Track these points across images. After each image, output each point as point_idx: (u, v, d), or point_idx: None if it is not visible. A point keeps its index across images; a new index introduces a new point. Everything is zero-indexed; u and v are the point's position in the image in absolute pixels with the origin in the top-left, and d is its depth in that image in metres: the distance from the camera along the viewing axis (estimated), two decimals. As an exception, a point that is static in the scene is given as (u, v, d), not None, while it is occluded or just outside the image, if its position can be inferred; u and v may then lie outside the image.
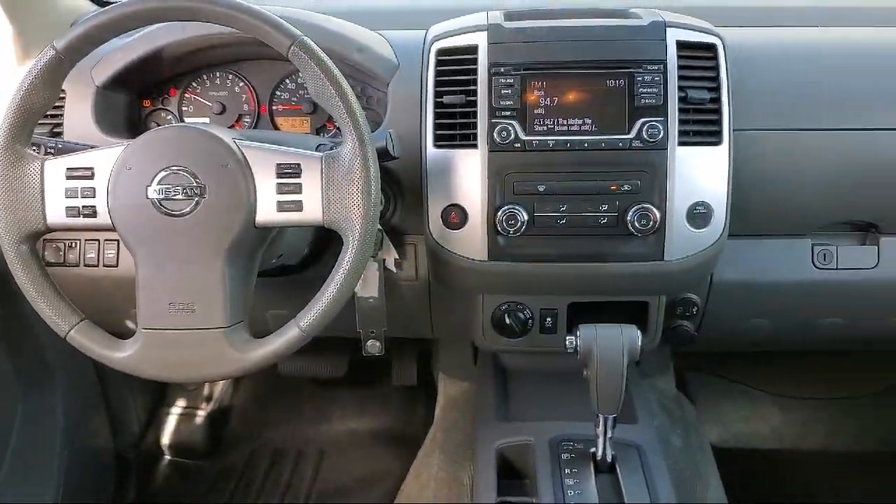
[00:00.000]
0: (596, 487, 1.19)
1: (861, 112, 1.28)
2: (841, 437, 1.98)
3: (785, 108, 1.28)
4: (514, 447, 1.31)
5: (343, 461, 2.04)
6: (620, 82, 1.19)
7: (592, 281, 1.26)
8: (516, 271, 1.24)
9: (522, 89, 1.20)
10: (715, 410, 2.03)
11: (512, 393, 1.51)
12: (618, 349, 1.15)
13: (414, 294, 1.40)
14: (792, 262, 1.37)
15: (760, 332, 1.47)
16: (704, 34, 1.23)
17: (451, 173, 1.22)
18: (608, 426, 1.20)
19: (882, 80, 1.30)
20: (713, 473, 1.53)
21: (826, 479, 1.87)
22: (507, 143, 1.19)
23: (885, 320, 1.44)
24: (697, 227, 1.21)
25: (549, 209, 1.21)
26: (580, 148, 1.19)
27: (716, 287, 1.38)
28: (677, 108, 1.19)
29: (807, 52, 1.34)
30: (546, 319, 1.35)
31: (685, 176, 1.19)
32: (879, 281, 1.37)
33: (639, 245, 1.21)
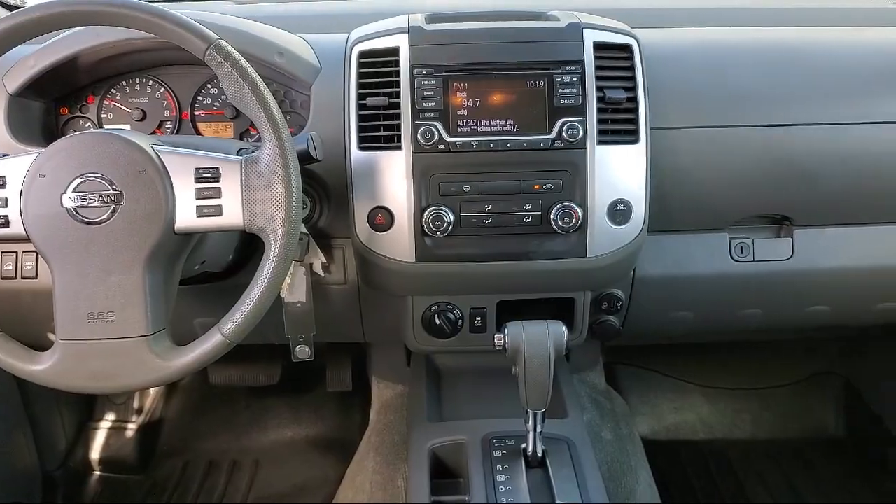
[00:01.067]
0: (527, 482, 1.21)
1: (772, 109, 1.32)
2: (767, 426, 2.04)
3: (699, 106, 1.32)
4: (447, 447, 1.32)
5: (279, 469, 2.02)
6: (540, 83, 1.22)
7: (519, 279, 1.28)
8: (444, 272, 1.26)
9: (445, 91, 1.21)
10: (646, 403, 2.07)
11: (445, 393, 1.52)
12: (544, 345, 1.17)
13: (343, 298, 1.40)
14: (710, 256, 1.41)
15: (683, 324, 1.51)
16: (620, 35, 1.26)
17: (376, 175, 1.22)
18: (537, 421, 1.21)
19: (793, 78, 1.35)
20: (643, 465, 1.57)
21: (753, 467, 1.93)
22: (432, 145, 1.20)
23: (801, 309, 1.50)
24: (618, 223, 1.24)
25: (474, 209, 1.22)
26: (503, 148, 1.21)
27: (638, 282, 1.42)
28: (595, 108, 1.21)
29: (720, 51, 1.38)
30: (476, 319, 1.36)
31: (605, 174, 1.22)
32: (794, 271, 1.42)
33: (562, 243, 1.24)
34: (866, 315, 1.52)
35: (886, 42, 1.41)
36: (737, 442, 2.01)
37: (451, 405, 1.47)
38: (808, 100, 1.33)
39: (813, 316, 1.50)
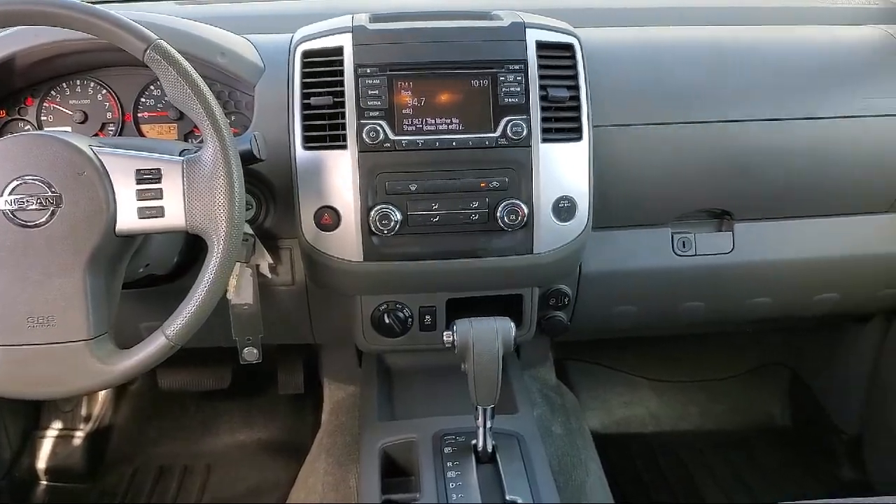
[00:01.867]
0: (477, 478, 1.22)
1: (711, 106, 1.35)
2: (713, 417, 2.08)
3: (639, 104, 1.34)
4: (398, 445, 1.32)
5: (231, 474, 2.00)
6: (484, 82, 1.23)
7: (467, 276, 1.29)
8: (392, 271, 1.26)
9: (389, 90, 1.21)
10: (596, 398, 2.10)
11: (397, 393, 1.52)
12: (493, 341, 1.18)
13: (291, 299, 1.39)
14: (653, 251, 1.44)
15: (628, 317, 1.54)
16: (562, 34, 1.28)
17: (322, 175, 1.22)
18: (487, 417, 1.22)
19: (731, 76, 1.38)
20: (593, 458, 1.59)
21: (700, 457, 1.97)
22: (377, 143, 1.21)
23: (743, 301, 1.53)
24: (563, 220, 1.25)
25: (421, 208, 1.23)
26: (449, 147, 1.22)
27: (585, 277, 1.44)
28: (539, 107, 1.23)
29: (660, 50, 1.41)
30: (425, 317, 1.37)
31: (549, 172, 1.24)
32: (735, 265, 1.46)
33: (509, 240, 1.25)
34: (806, 306, 1.56)
35: (821, 40, 1.45)
36: (685, 434, 2.05)
37: (402, 404, 1.48)
38: (745, 97, 1.36)
39: (755, 308, 1.54)
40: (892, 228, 1.47)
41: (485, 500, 1.18)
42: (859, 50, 1.42)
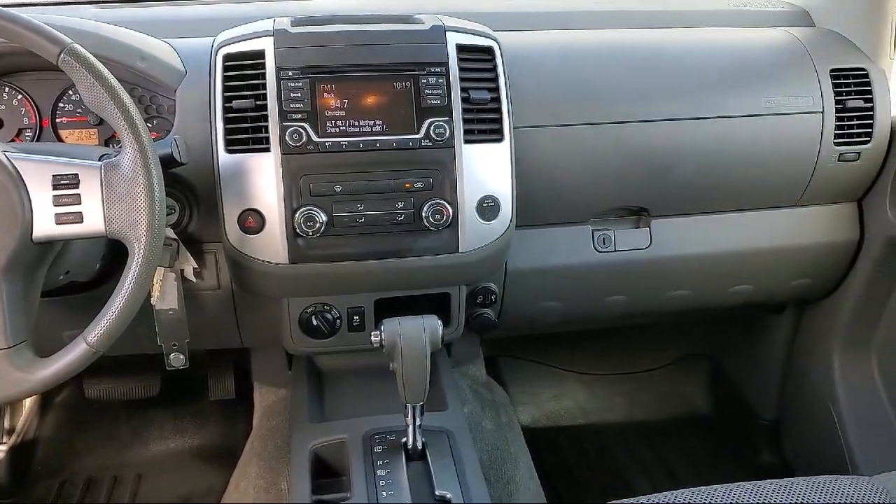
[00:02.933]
0: (407, 475, 1.23)
1: (626, 106, 1.40)
2: (640, 408, 2.14)
3: (558, 105, 1.38)
4: (328, 446, 1.33)
5: (163, 482, 1.97)
6: (407, 84, 1.25)
7: (394, 276, 1.30)
8: (319, 272, 1.27)
9: (312, 92, 1.22)
10: (527, 393, 2.14)
11: (328, 394, 1.52)
12: (420, 339, 1.19)
13: (217, 303, 1.38)
14: (575, 248, 1.49)
15: (555, 313, 1.58)
16: (482, 37, 1.30)
17: (245, 178, 1.22)
18: (416, 414, 1.24)
19: (645, 77, 1.43)
20: (523, 451, 1.62)
21: (627, 447, 2.02)
22: (300, 146, 1.21)
23: (662, 294, 1.59)
24: (487, 219, 1.28)
25: (346, 209, 1.24)
26: (372, 148, 1.23)
27: (511, 275, 1.47)
28: (461, 108, 1.25)
29: (577, 53, 1.45)
30: (353, 318, 1.38)
31: (473, 172, 1.26)
32: (653, 259, 1.51)
33: (435, 239, 1.27)
34: (722, 297, 1.62)
35: (730, 42, 1.51)
36: (613, 425, 2.11)
37: (333, 405, 1.48)
38: (658, 98, 1.41)
39: (673, 300, 1.60)
40: (799, 221, 1.55)
41: (414, 497, 1.20)
42: (765, 51, 1.48)
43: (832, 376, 1.67)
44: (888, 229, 1.49)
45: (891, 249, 1.50)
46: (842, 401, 1.66)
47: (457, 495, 1.20)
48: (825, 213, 1.56)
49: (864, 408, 1.63)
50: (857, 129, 1.45)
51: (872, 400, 1.63)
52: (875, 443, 1.61)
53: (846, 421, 1.65)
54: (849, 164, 1.47)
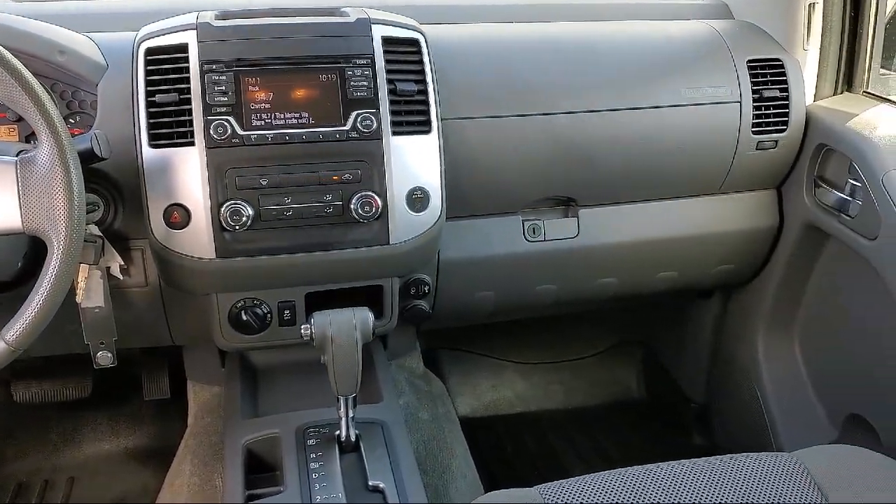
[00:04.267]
0: (340, 467, 1.24)
1: (553, 98, 1.42)
2: (576, 395, 2.18)
3: (486, 97, 1.39)
4: (262, 441, 1.32)
5: (97, 485, 1.93)
6: (333, 76, 1.25)
7: (324, 269, 1.30)
8: (247, 267, 1.26)
9: (236, 86, 1.22)
10: (466, 384, 2.15)
11: (262, 390, 1.51)
12: (351, 331, 1.20)
13: (145, 300, 1.37)
14: (506, 238, 1.51)
15: (489, 303, 1.59)
16: (407, 30, 1.31)
17: (170, 172, 1.21)
18: (349, 407, 1.25)
19: (571, 69, 1.46)
20: (459, 441, 1.64)
21: (564, 433, 2.06)
22: (225, 139, 1.20)
23: (592, 282, 1.62)
24: (417, 210, 1.29)
25: (274, 202, 1.23)
26: (299, 141, 1.23)
27: (443, 266, 1.49)
28: (388, 100, 1.26)
29: (504, 45, 1.47)
30: (284, 312, 1.37)
31: (401, 163, 1.27)
32: (581, 248, 1.54)
33: (365, 231, 1.27)
34: (649, 284, 1.66)
35: (652, 35, 1.54)
36: (550, 412, 2.14)
37: (267, 401, 1.48)
38: (584, 88, 1.44)
39: (603, 287, 1.63)
40: (721, 209, 1.59)
41: (347, 489, 1.20)
42: (686, 43, 1.52)
43: (757, 358, 1.72)
44: (805, 215, 1.54)
45: (808, 234, 1.56)
46: (766, 382, 1.71)
47: (390, 485, 1.21)
48: (746, 200, 1.60)
49: (787, 388, 1.69)
50: (774, 117, 1.50)
51: (794, 380, 1.68)
52: (797, 421, 1.67)
53: (770, 401, 1.70)
54: (767, 152, 1.52)
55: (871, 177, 1.34)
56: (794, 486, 1.09)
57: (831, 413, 1.60)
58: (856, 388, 1.52)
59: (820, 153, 1.50)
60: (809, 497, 1.08)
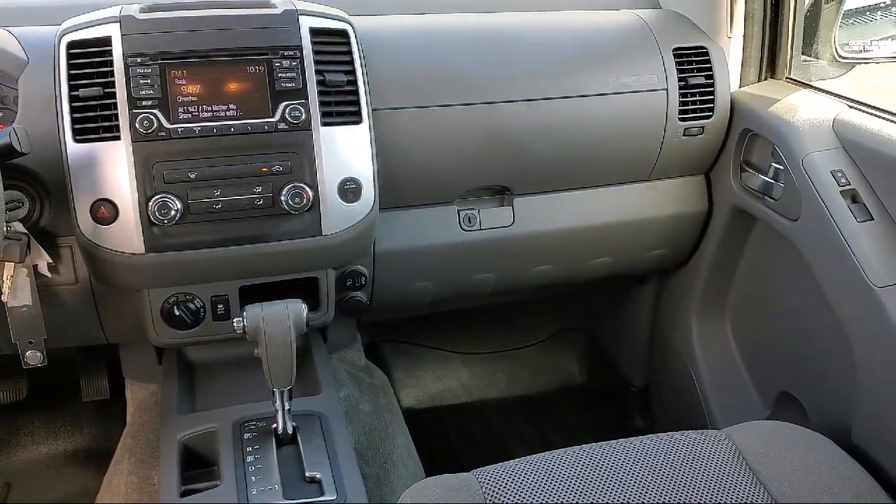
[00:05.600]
0: (277, 460, 1.24)
1: (483, 88, 1.43)
2: (520, 383, 2.20)
3: (416, 87, 1.40)
4: (198, 437, 1.32)
5: (35, 489, 1.90)
6: (260, 68, 1.24)
7: (257, 262, 1.30)
8: (177, 261, 1.25)
9: (162, 79, 1.20)
10: (411, 376, 2.16)
11: (200, 386, 1.51)
12: (284, 323, 1.20)
13: (76, 298, 1.35)
14: (441, 228, 1.52)
15: (427, 293, 1.60)
16: (335, 21, 1.31)
17: (96, 167, 1.19)
18: (285, 399, 1.25)
19: (500, 59, 1.47)
20: (401, 432, 1.64)
21: (508, 421, 2.08)
22: (152, 133, 1.19)
23: (528, 270, 1.64)
24: (349, 201, 1.29)
25: (203, 195, 1.23)
26: (227, 133, 1.23)
27: (379, 257, 1.49)
28: (317, 91, 1.26)
29: (434, 36, 1.47)
30: (218, 306, 1.36)
31: (332, 154, 1.27)
32: (516, 236, 1.56)
33: (297, 223, 1.27)
34: (585, 270, 1.69)
35: (581, 24, 1.57)
36: (494, 401, 2.16)
37: (205, 397, 1.47)
38: (515, 78, 1.45)
39: (539, 275, 1.65)
40: (652, 195, 1.62)
41: (284, 480, 1.20)
42: (614, 33, 1.55)
43: (691, 340, 1.76)
44: (733, 199, 1.58)
45: (736, 218, 1.60)
46: (700, 363, 1.75)
47: (327, 476, 1.22)
48: (676, 186, 1.64)
49: (720, 368, 1.73)
50: (700, 104, 1.53)
51: (727, 360, 1.72)
52: (730, 400, 1.71)
53: (704, 381, 1.74)
54: (694, 139, 1.55)
55: (792, 160, 1.38)
56: (722, 461, 1.13)
57: (763, 391, 1.64)
58: (784, 366, 1.56)
59: (745, 138, 1.54)
60: (736, 470, 1.11)
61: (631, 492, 1.08)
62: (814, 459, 1.13)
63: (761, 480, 1.09)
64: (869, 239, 1.27)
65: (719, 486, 1.09)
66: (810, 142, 1.38)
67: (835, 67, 1.60)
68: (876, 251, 1.26)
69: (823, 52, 1.60)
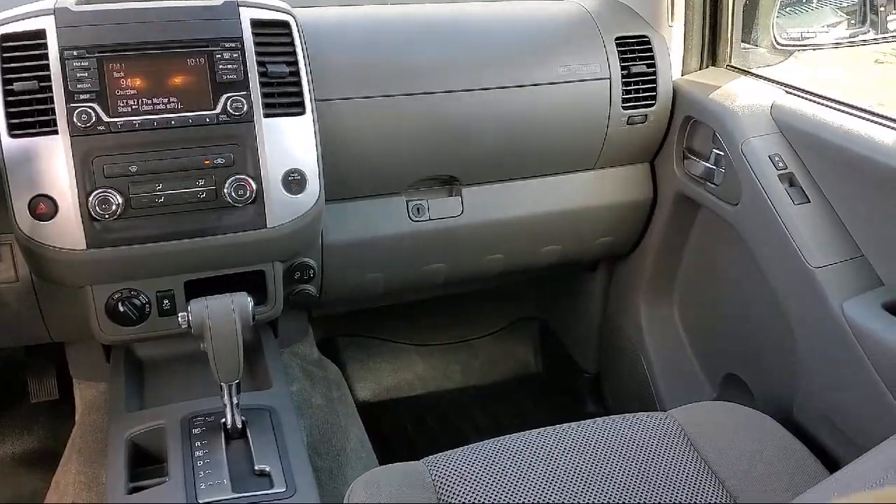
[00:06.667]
0: (226, 454, 1.23)
1: (429, 78, 1.44)
2: (475, 373, 2.21)
3: (364, 77, 1.40)
4: (147, 434, 1.31)
5: (-18, 492, 1.87)
6: (201, 60, 1.23)
7: (202, 256, 1.29)
8: (120, 256, 1.23)
9: (100, 72, 1.19)
10: (366, 369, 2.16)
11: (149, 383, 1.49)
12: (229, 317, 1.19)
13: (17, 297, 1.33)
14: (391, 219, 1.52)
15: (378, 284, 1.61)
16: (277, 12, 1.31)
17: (33, 163, 1.17)
18: (233, 393, 1.24)
19: (445, 49, 1.48)
20: (355, 424, 1.65)
21: (464, 411, 2.09)
22: (90, 127, 1.18)
23: (480, 259, 1.65)
24: (294, 193, 1.29)
25: (144, 189, 1.21)
26: (168, 126, 1.21)
27: (328, 249, 1.49)
28: (259, 83, 1.25)
29: (378, 26, 1.48)
30: (163, 302, 1.35)
31: (276, 146, 1.26)
32: (466, 226, 1.57)
33: (241, 215, 1.27)
34: (535, 258, 1.70)
35: (525, 14, 1.58)
36: (450, 391, 2.16)
37: (154, 394, 1.45)
38: (461, 68, 1.46)
39: (491, 264, 1.66)
40: (599, 183, 1.64)
41: (233, 474, 1.20)
42: (557, 22, 1.56)
43: (640, 326, 1.79)
44: (677, 186, 1.60)
45: (680, 204, 1.62)
46: (649, 348, 1.78)
47: (277, 469, 1.21)
48: (622, 174, 1.66)
49: (668, 352, 1.76)
50: (643, 92, 1.55)
51: (675, 344, 1.75)
52: (678, 383, 1.74)
53: (654, 366, 1.77)
54: (638, 127, 1.57)
55: (731, 145, 1.41)
56: (666, 441, 1.16)
57: (709, 374, 1.68)
58: (730, 348, 1.59)
59: (687, 126, 1.56)
60: (679, 449, 1.14)
61: (578, 472, 1.10)
62: (753, 435, 1.16)
63: (703, 457, 1.12)
64: (806, 221, 1.30)
65: (663, 464, 1.11)
66: (749, 127, 1.40)
67: (774, 54, 1.64)
68: (812, 233, 1.29)
69: (762, 39, 1.63)
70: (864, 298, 1.21)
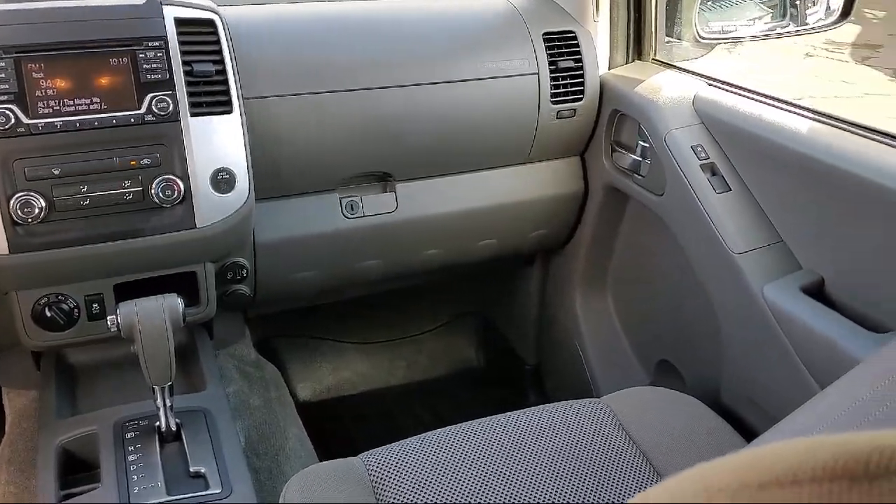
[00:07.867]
0: (160, 457, 1.22)
1: (358, 74, 1.44)
2: (417, 370, 2.22)
3: (289, 75, 1.40)
4: (78, 440, 1.29)
5: None
6: (124, 60, 1.22)
7: (129, 258, 1.27)
8: (45, 261, 1.21)
9: (18, 73, 1.16)
10: (307, 369, 2.15)
11: (81, 389, 1.46)
12: (159, 319, 1.18)
13: None
14: (324, 216, 1.52)
15: (313, 282, 1.60)
16: (202, 11, 1.30)
17: (-51, 166, 1.14)
18: (166, 396, 1.23)
19: (373, 46, 1.48)
20: (293, 423, 1.64)
21: (407, 408, 2.10)
22: (9, 129, 1.15)
23: (416, 255, 1.66)
24: (223, 192, 1.28)
25: (69, 192, 1.19)
26: (91, 127, 1.20)
27: (260, 248, 1.48)
28: (184, 82, 1.24)
29: (310, 23, 1.48)
30: (92, 306, 1.33)
31: (203, 145, 1.25)
32: (400, 221, 1.57)
33: (169, 216, 1.25)
34: (472, 253, 1.72)
35: (452, 10, 1.59)
36: (393, 388, 2.17)
37: (87, 400, 1.43)
38: (391, 64, 1.46)
39: (428, 259, 1.67)
40: (531, 177, 1.66)
41: (168, 477, 1.19)
42: (485, 19, 1.58)
43: (576, 316, 1.82)
44: (606, 178, 1.64)
45: (610, 196, 1.66)
46: (585, 338, 1.81)
47: (212, 470, 1.21)
48: (553, 168, 1.68)
49: (604, 341, 1.80)
50: (571, 87, 1.58)
51: (610, 333, 1.79)
52: (614, 371, 1.78)
53: (590, 355, 1.80)
54: (567, 121, 1.60)
55: (655, 137, 1.45)
56: (599, 425, 1.18)
57: (643, 361, 1.72)
58: (662, 335, 1.63)
59: (615, 119, 1.60)
60: (611, 433, 1.17)
61: (514, 460, 1.12)
62: (680, 418, 1.19)
63: (633, 438, 1.15)
64: (727, 209, 1.34)
65: (596, 448, 1.14)
66: (672, 119, 1.44)
67: (697, 48, 1.68)
68: (734, 220, 1.33)
69: (686, 33, 1.67)
70: (783, 282, 1.25)
